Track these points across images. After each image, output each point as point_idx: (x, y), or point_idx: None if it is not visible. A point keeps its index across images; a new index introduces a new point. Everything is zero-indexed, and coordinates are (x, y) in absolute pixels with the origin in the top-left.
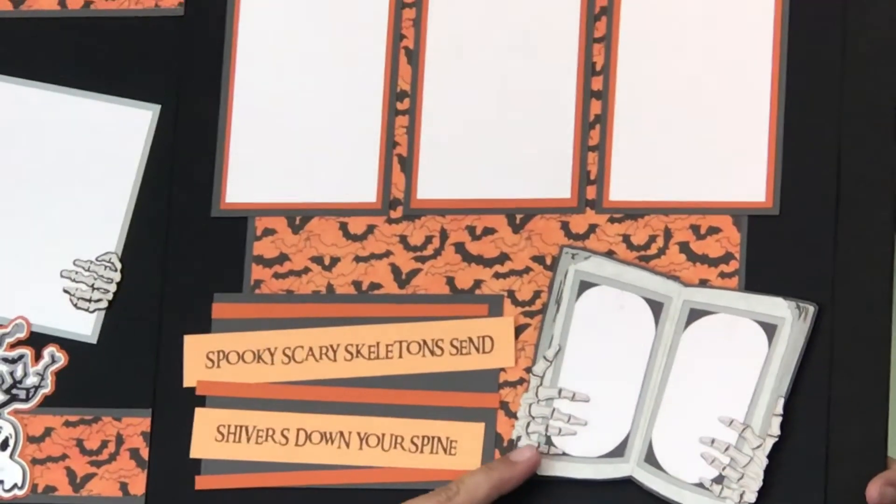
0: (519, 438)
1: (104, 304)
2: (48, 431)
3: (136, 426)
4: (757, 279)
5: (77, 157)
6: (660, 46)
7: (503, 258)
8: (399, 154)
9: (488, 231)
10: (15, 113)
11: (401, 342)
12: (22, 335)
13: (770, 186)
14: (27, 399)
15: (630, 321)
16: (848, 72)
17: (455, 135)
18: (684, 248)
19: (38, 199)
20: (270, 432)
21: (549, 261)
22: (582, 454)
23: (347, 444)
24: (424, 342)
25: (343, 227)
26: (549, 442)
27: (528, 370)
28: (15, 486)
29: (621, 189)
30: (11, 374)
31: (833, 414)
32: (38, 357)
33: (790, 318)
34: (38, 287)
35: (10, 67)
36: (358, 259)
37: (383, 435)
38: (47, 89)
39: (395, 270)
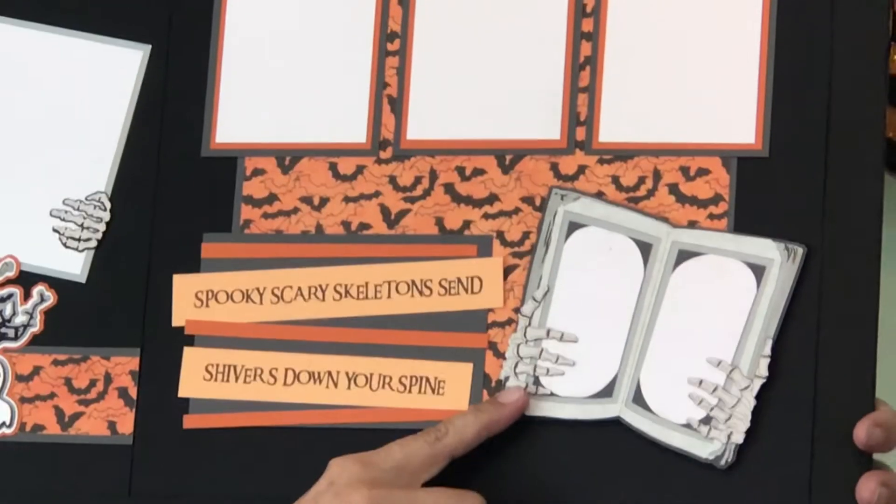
0: (507, 379)
1: (93, 244)
2: (36, 370)
3: (124, 365)
4: (746, 221)
5: (67, 97)
6: None
7: (492, 199)
8: (389, 95)
9: (477, 172)
10: (5, 53)
11: (389, 282)
12: (11, 274)
13: (759, 128)
14: (16, 338)
15: (619, 262)
16: (838, 12)
17: (445, 76)
18: (673, 189)
19: (27, 138)
20: (259, 372)
21: (538, 202)
22: (570, 395)
23: (335, 384)
24: (413, 283)
25: (332, 167)
26: (536, 382)
27: (517, 311)
28: (3, 424)
29: (611, 130)
30: (0, 312)
31: (821, 355)
32: (26, 296)
33: (779, 259)
34: (27, 226)
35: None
36: (347, 199)
37: (371, 375)
38: (36, 29)
39: (385, 211)
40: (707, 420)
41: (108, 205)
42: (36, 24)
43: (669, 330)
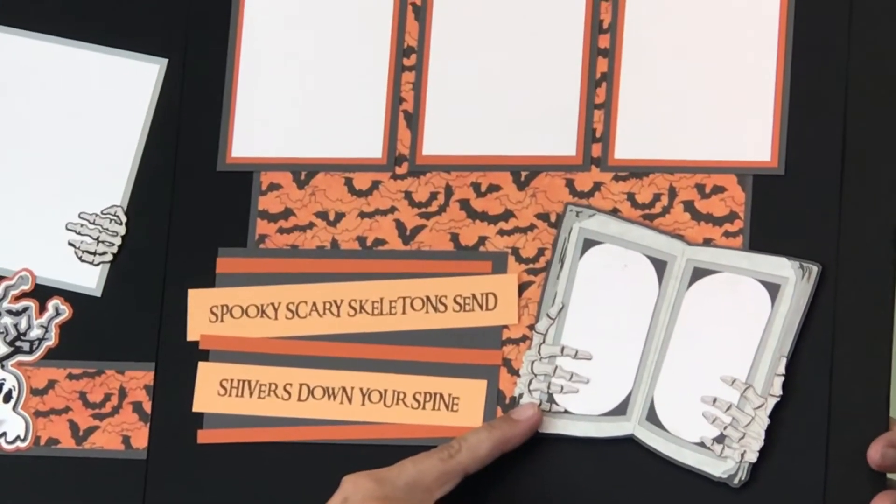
0: (521, 396)
1: (109, 258)
2: (51, 384)
3: (139, 380)
4: (761, 239)
5: (84, 110)
6: (667, 5)
7: (508, 215)
8: (405, 110)
9: (493, 188)
10: (23, 66)
11: (404, 298)
12: (27, 287)
13: (775, 146)
14: (31, 351)
15: (633, 279)
16: (855, 29)
17: (461, 91)
18: (689, 206)
19: (44, 151)
20: (273, 387)
21: (553, 218)
22: (584, 412)
23: (350, 400)
24: (428, 298)
25: (348, 182)
26: (550, 399)
27: (531, 327)
28: (18, 438)
29: (626, 147)
30: (16, 326)
31: (835, 374)
32: (42, 309)
33: (794, 277)
34: (43, 239)
35: (20, 20)
36: (363, 215)
37: (385, 391)
38: (55, 42)
39: (400, 226)
40: (721, 438)
41: (124, 219)
42: (54, 37)
43: (684, 348)
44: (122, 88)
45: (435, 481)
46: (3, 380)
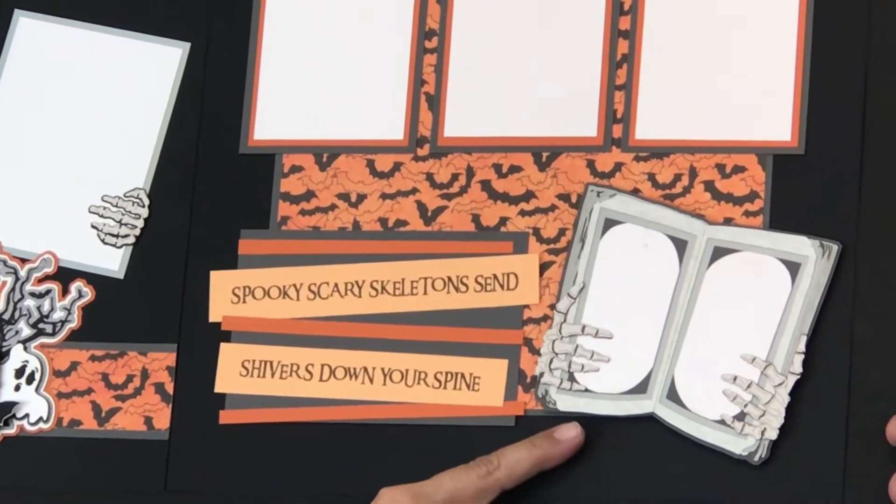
0: (542, 375)
1: (131, 240)
2: (74, 366)
3: (161, 361)
4: (781, 218)
5: (107, 94)
6: None
7: (529, 196)
8: (427, 92)
9: (514, 169)
10: (46, 50)
11: (426, 279)
12: (49, 270)
13: (796, 126)
14: (54, 333)
15: (654, 259)
16: (875, 10)
17: (482, 73)
18: (709, 186)
19: (67, 135)
20: (295, 367)
21: (574, 199)
22: (604, 391)
23: (371, 380)
24: (449, 279)
25: (370, 164)
26: (571, 378)
27: (552, 307)
28: (40, 419)
29: (647, 128)
30: (39, 308)
31: (855, 352)
32: (65, 292)
33: (814, 256)
34: (66, 222)
35: (42, 6)
36: (384, 196)
37: (407, 371)
38: (79, 27)
39: (421, 207)
40: (741, 416)
41: (147, 201)
42: (77, 21)
43: (704, 326)
44: (144, 72)
45: (472, 497)
46: (26, 361)
